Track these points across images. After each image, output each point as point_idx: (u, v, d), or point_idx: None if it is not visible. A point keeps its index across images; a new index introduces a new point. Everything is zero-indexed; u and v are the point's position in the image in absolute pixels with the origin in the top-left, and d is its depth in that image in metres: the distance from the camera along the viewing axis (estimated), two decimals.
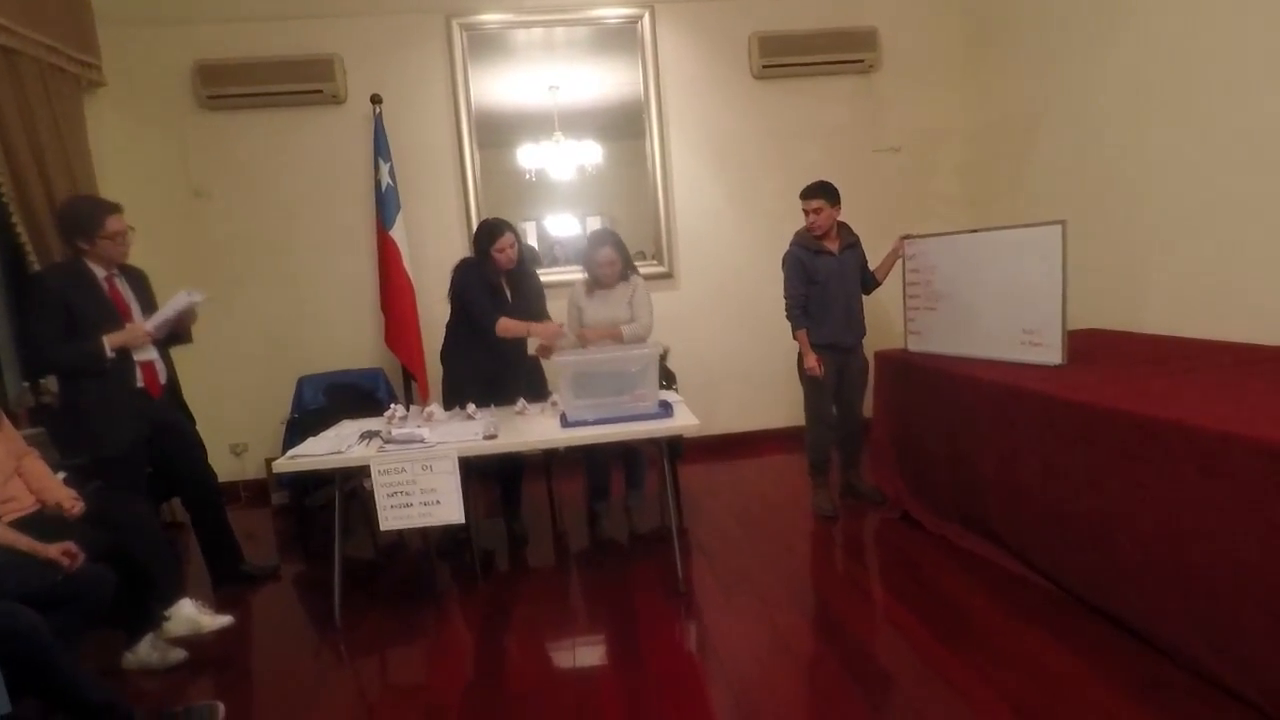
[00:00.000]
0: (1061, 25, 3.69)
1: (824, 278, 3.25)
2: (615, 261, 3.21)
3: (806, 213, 3.24)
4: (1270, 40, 2.63)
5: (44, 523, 2.23)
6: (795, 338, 3.30)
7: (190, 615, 2.50)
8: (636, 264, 3.45)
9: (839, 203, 3.24)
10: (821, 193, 3.21)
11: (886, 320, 4.15)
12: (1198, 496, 1.86)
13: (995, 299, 2.90)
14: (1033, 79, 3.96)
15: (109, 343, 2.67)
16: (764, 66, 4.33)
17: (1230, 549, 1.78)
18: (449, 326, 3.29)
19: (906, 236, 3.31)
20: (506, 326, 3.07)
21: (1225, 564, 1.80)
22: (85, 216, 2.69)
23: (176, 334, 2.95)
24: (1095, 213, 3.48)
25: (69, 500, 2.33)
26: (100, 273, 2.74)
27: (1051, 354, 2.71)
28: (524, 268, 3.23)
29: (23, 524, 2.16)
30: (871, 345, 3.49)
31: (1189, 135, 3.00)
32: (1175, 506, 1.93)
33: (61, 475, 2.47)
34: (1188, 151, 3.02)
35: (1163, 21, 3.08)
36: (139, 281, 2.91)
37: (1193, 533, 1.89)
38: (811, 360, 3.24)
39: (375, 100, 4.05)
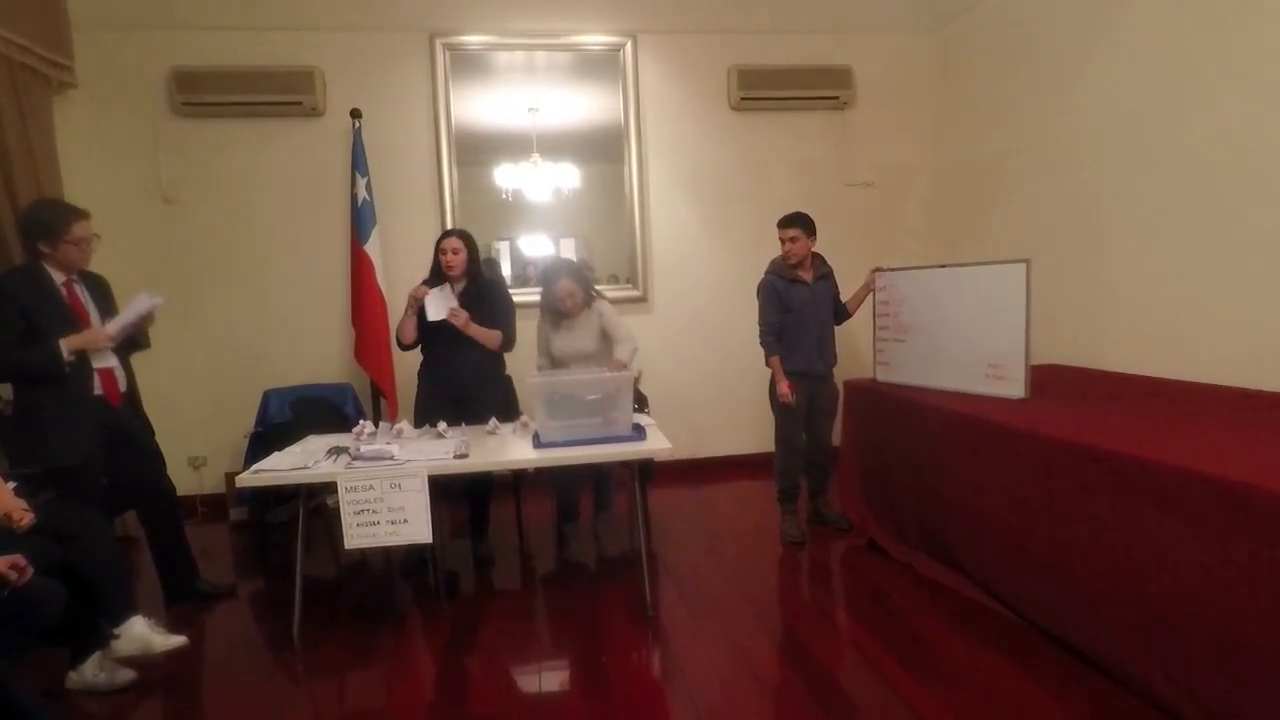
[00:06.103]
0: (1027, 70, 3.85)
1: (798, 306, 3.31)
2: (575, 292, 3.16)
3: (783, 240, 3.30)
4: (1230, 85, 2.77)
5: None
6: (768, 364, 3.34)
7: (141, 634, 2.41)
8: (610, 288, 3.45)
9: (815, 234, 3.31)
10: (799, 223, 3.28)
11: (856, 350, 4.23)
12: (1153, 529, 1.92)
13: (961, 332, 2.98)
14: (999, 121, 4.12)
15: (66, 346, 2.57)
16: (742, 99, 4.43)
17: (1184, 581, 1.84)
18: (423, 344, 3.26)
19: (878, 269, 3.39)
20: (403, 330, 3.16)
21: (1179, 595, 1.86)
22: (50, 220, 2.61)
23: (134, 339, 2.87)
24: (1058, 252, 3.61)
25: (18, 511, 2.23)
26: (59, 278, 2.66)
27: (1015, 388, 2.79)
28: (481, 283, 3.17)
29: None
30: (841, 375, 3.54)
31: (1149, 179, 3.14)
32: (1131, 539, 2.00)
33: (12, 485, 2.38)
34: (1147, 195, 3.15)
35: (1125, 68, 3.23)
36: (99, 288, 2.83)
37: (1148, 564, 1.95)
38: (784, 386, 3.28)
39: (355, 114, 4.04)
